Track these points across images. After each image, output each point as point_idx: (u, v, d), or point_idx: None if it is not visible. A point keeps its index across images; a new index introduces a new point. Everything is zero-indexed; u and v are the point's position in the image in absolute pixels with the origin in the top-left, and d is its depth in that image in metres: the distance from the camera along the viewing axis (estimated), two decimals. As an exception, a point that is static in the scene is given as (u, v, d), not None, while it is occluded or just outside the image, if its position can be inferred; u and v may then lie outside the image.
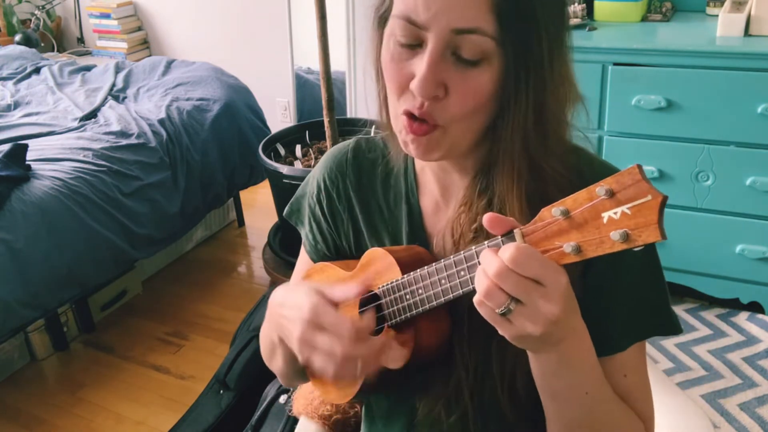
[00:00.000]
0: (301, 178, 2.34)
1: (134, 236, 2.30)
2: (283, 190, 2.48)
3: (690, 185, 2.11)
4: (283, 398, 1.38)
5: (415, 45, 0.69)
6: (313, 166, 2.54)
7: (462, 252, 0.68)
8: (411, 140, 0.73)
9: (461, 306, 0.75)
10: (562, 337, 0.64)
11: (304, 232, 0.98)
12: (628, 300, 0.77)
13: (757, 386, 1.96)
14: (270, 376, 1.46)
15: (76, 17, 3.92)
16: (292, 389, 1.35)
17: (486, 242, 0.65)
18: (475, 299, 0.63)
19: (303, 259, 1.00)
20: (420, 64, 0.68)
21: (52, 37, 3.89)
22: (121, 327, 2.48)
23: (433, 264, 0.71)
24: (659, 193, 0.55)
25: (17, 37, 3.60)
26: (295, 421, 1.23)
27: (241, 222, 3.12)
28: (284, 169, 2.41)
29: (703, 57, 1.96)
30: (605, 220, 0.57)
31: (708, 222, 2.13)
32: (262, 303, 1.87)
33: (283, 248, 2.66)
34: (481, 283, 0.62)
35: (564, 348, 0.65)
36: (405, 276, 0.75)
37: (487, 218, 0.63)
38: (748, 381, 1.98)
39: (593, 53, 2.07)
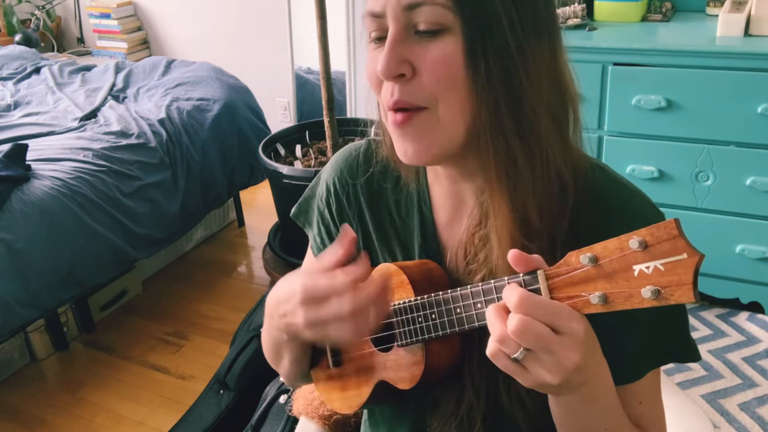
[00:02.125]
0: (301, 178, 2.36)
1: (134, 236, 2.30)
2: (283, 190, 2.48)
3: (690, 185, 2.11)
4: (283, 398, 1.38)
5: (384, 38, 0.69)
6: (313, 166, 2.55)
7: (480, 284, 0.66)
8: (401, 137, 0.71)
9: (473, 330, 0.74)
10: (584, 381, 0.62)
11: (312, 234, 0.96)
12: (647, 327, 0.74)
13: (757, 386, 1.96)
14: (270, 376, 1.46)
15: (76, 17, 3.92)
16: (292, 389, 1.35)
17: (506, 278, 0.64)
18: (490, 349, 0.61)
19: (310, 262, 0.97)
20: (385, 48, 0.68)
21: (52, 37, 3.89)
22: (121, 327, 2.48)
23: (449, 291, 0.70)
24: (696, 252, 0.52)
25: (17, 37, 3.60)
26: (295, 421, 1.23)
27: (241, 222, 3.12)
28: (284, 169, 2.41)
29: (703, 57, 1.96)
30: (636, 273, 0.55)
31: (708, 222, 2.12)
32: (262, 303, 1.87)
33: (283, 248, 2.67)
34: (494, 330, 0.60)
35: (586, 390, 0.63)
36: (419, 298, 0.73)
37: (511, 255, 0.61)
38: (748, 381, 1.98)
39: (593, 53, 2.07)
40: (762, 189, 2.02)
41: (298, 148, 2.68)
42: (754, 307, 2.23)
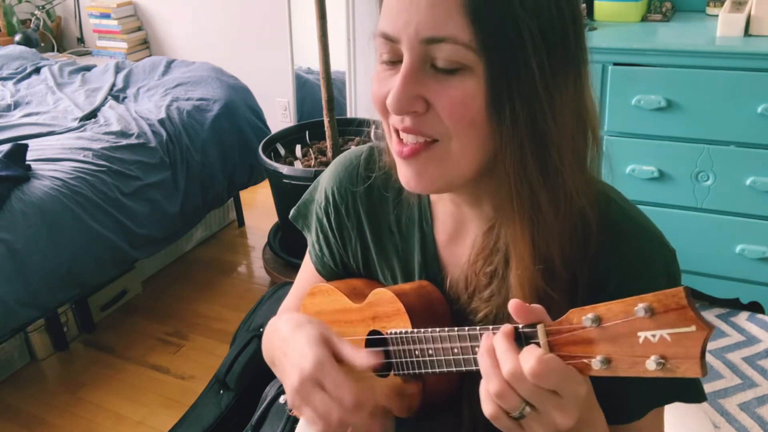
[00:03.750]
0: (302, 178, 2.36)
1: (134, 236, 2.30)
2: (283, 190, 2.48)
3: (690, 185, 2.11)
4: (283, 398, 1.38)
5: (396, 61, 0.65)
6: (314, 166, 2.55)
7: (478, 328, 0.65)
8: (405, 165, 0.68)
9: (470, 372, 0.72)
10: (576, 431, 0.60)
11: (311, 240, 0.95)
12: None
13: (757, 386, 1.96)
14: (270, 376, 1.46)
15: (76, 17, 3.92)
16: (292, 389, 1.35)
17: (503, 327, 0.61)
18: (489, 410, 0.59)
19: (307, 268, 0.97)
20: (397, 80, 0.64)
21: (52, 37, 3.89)
22: (121, 327, 2.48)
23: (446, 330, 0.68)
24: (705, 324, 0.50)
25: (17, 37, 3.60)
26: (295, 421, 1.23)
27: (241, 222, 3.12)
28: (284, 169, 2.41)
29: (703, 57, 1.96)
30: (641, 341, 0.52)
31: (708, 222, 2.12)
32: (262, 303, 1.87)
33: (283, 248, 2.66)
34: (493, 383, 0.58)
35: None
36: (416, 331, 0.71)
37: (513, 306, 0.59)
38: (748, 381, 1.98)
39: (593, 53, 2.06)
40: (762, 189, 2.02)
41: (298, 148, 2.68)
42: (754, 307, 2.23)
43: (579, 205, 0.67)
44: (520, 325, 0.60)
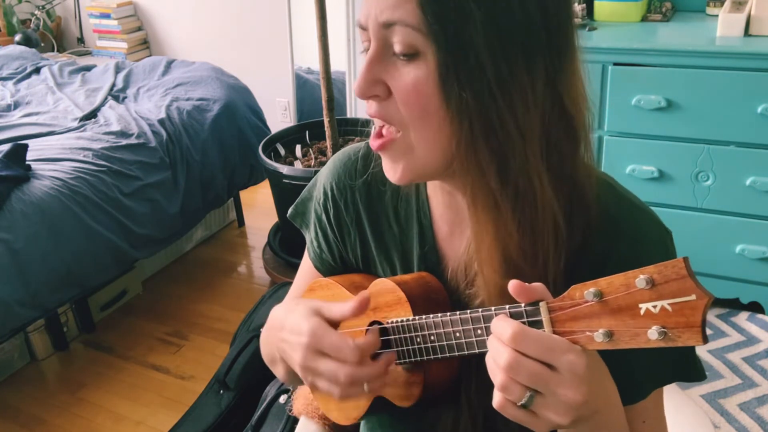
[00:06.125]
0: (301, 178, 2.36)
1: (134, 236, 2.30)
2: (283, 190, 2.48)
3: (690, 185, 2.11)
4: (283, 398, 1.38)
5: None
6: (314, 166, 2.55)
7: (480, 310, 0.65)
8: (382, 158, 0.72)
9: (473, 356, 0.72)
10: (596, 410, 0.59)
11: (309, 237, 0.95)
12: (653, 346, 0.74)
13: (757, 386, 1.96)
14: (270, 377, 1.46)
15: (76, 17, 3.92)
16: (292, 389, 1.35)
17: (507, 306, 0.62)
18: (495, 401, 0.60)
19: (306, 266, 0.97)
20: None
21: (52, 37, 3.89)
22: (121, 327, 2.48)
23: (448, 314, 0.68)
24: (705, 293, 0.51)
25: (17, 37, 3.60)
26: (295, 421, 1.23)
27: (241, 222, 3.12)
28: (284, 169, 2.41)
29: (703, 57, 1.96)
30: (642, 312, 0.53)
31: (708, 222, 2.12)
32: (262, 303, 1.87)
33: (283, 248, 2.67)
34: (495, 377, 0.59)
35: (598, 417, 0.61)
36: (417, 318, 0.72)
37: (512, 286, 0.59)
38: (748, 381, 1.98)
39: (593, 53, 2.07)
40: (762, 189, 2.02)
41: (298, 148, 2.68)
42: (754, 307, 2.23)
43: (549, 203, 0.66)
44: (522, 305, 0.61)
